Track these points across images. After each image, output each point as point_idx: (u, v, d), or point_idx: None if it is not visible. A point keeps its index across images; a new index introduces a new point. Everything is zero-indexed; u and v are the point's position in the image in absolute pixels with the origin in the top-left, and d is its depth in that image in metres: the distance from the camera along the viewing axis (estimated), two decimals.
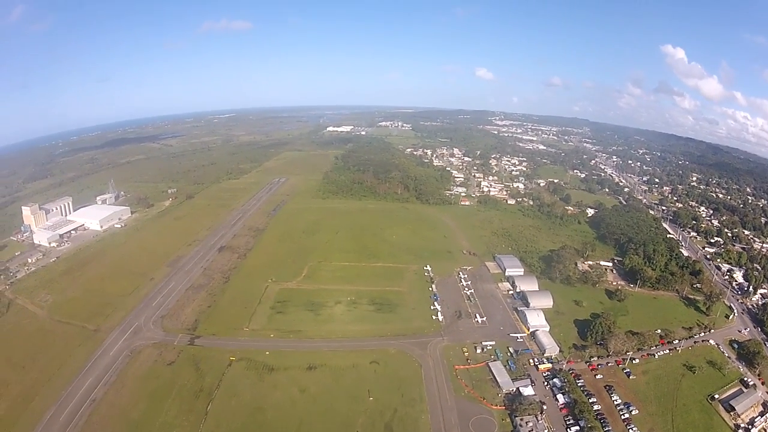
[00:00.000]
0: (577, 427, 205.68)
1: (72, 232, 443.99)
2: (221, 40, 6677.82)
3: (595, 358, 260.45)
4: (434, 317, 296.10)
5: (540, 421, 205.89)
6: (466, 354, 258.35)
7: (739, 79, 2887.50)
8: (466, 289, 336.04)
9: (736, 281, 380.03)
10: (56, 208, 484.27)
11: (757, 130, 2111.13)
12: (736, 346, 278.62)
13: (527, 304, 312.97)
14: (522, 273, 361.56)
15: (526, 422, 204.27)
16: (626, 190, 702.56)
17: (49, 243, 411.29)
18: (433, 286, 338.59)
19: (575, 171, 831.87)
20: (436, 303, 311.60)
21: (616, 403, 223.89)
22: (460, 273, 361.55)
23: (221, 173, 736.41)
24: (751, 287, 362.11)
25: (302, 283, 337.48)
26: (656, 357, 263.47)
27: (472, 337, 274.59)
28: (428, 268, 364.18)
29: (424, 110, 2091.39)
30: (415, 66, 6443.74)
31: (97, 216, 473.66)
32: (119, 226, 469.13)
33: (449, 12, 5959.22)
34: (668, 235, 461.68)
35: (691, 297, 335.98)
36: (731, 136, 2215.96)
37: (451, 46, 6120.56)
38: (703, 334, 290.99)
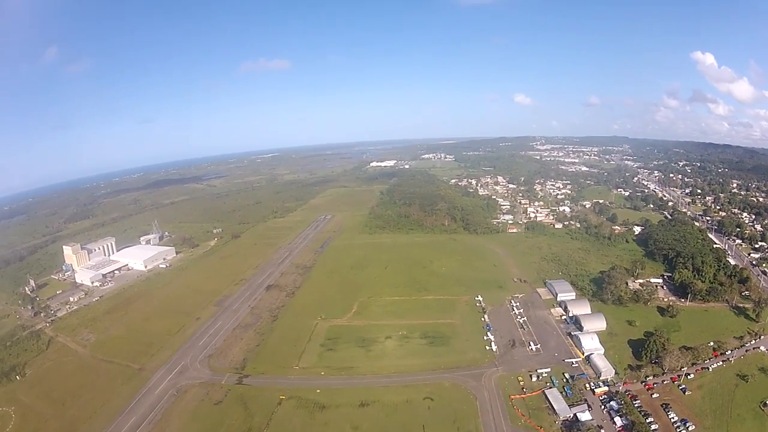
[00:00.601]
0: None
1: (116, 272, 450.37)
2: (260, 80, 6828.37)
3: (651, 377, 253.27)
4: (488, 347, 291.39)
5: None
6: (522, 383, 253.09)
7: None
8: (519, 317, 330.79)
9: None
10: (99, 248, 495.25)
11: None
12: None
13: (581, 328, 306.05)
14: (574, 297, 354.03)
15: None
16: (670, 204, 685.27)
17: (92, 282, 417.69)
18: (486, 316, 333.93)
19: (619, 190, 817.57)
20: (489, 333, 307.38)
21: (672, 420, 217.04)
22: (512, 301, 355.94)
23: (266, 212, 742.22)
24: None
25: (352, 320, 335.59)
26: (710, 370, 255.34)
27: (527, 366, 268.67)
28: (479, 298, 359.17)
29: (465, 140, 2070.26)
30: (454, 97, 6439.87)
31: (142, 256, 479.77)
32: (164, 266, 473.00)
33: (486, 41, 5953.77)
34: (714, 245, 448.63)
35: (741, 305, 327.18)
36: (766, 137, 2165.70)
37: (489, 75, 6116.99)
38: (753, 341, 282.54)
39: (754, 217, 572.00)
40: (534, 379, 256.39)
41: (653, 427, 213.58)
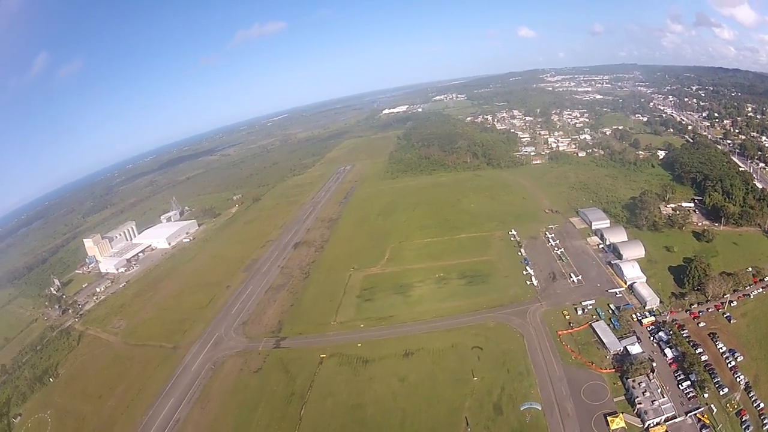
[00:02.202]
0: (689, 382, 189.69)
1: (139, 254, 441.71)
2: (259, 45, 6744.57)
3: (695, 305, 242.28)
4: (528, 282, 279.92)
5: (653, 381, 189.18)
6: (567, 317, 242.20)
7: None
8: (556, 248, 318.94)
9: None
10: (120, 235, 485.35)
11: None
12: None
13: (620, 256, 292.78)
14: (608, 225, 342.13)
15: (639, 383, 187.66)
16: (689, 127, 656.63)
17: (117, 269, 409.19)
18: (522, 250, 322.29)
19: (636, 115, 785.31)
20: (528, 267, 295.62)
21: (721, 351, 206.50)
22: (547, 233, 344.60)
23: (285, 171, 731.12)
24: None
25: (386, 267, 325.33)
26: (752, 297, 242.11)
27: (571, 299, 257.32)
28: (513, 232, 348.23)
29: (475, 79, 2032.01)
30: (458, 35, 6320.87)
31: (164, 234, 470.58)
32: (188, 240, 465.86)
33: None
34: (740, 169, 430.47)
35: None
36: None
37: (491, 9, 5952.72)
38: None
39: None
40: (579, 312, 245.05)
41: (703, 358, 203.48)
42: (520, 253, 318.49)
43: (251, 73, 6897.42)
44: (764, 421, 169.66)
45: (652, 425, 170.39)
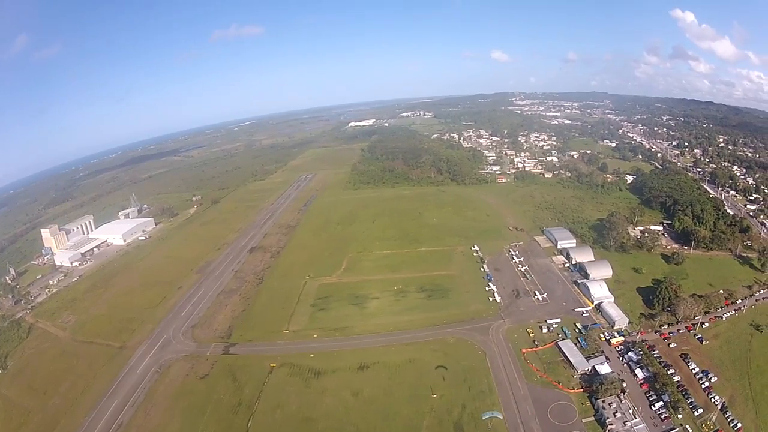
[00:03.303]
0: (661, 402, 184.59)
1: (94, 249, 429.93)
2: (234, 48, 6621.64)
3: (666, 326, 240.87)
4: (491, 299, 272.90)
5: (624, 401, 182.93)
6: (532, 335, 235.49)
7: (751, 39, 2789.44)
8: (520, 266, 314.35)
9: None
10: (77, 228, 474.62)
11: None
12: None
13: (586, 276, 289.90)
14: (575, 244, 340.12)
15: (609, 404, 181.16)
16: (659, 155, 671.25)
17: (71, 263, 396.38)
18: (485, 266, 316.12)
19: (605, 141, 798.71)
20: (490, 283, 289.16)
21: (694, 371, 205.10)
22: (511, 250, 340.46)
23: (246, 176, 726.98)
24: None
25: (343, 276, 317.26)
26: (724, 319, 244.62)
27: (535, 317, 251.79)
28: (476, 248, 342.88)
29: (444, 98, 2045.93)
30: (431, 54, 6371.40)
31: (120, 230, 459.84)
32: (143, 238, 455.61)
33: None
34: (711, 195, 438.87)
35: (744, 255, 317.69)
36: (748, 97, 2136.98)
37: (465, 31, 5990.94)
38: (762, 291, 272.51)
39: (745, 170, 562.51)
40: (545, 330, 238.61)
41: (675, 378, 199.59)
42: (482, 269, 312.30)
43: (224, 76, 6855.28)
44: None
45: None
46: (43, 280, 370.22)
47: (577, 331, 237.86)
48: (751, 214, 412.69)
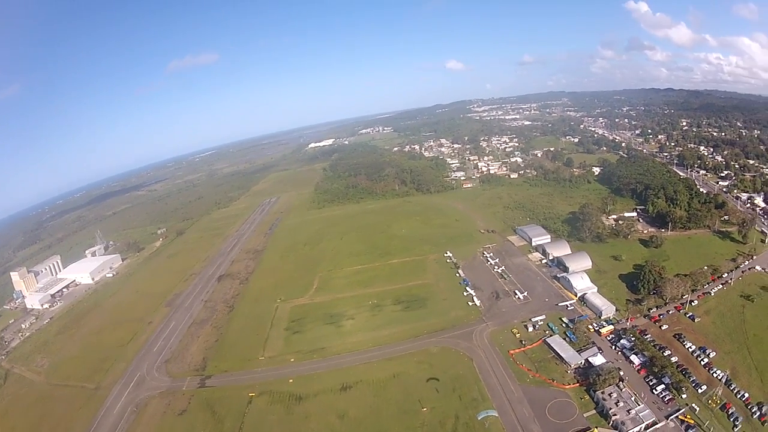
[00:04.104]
0: (662, 386, 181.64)
1: (63, 290, 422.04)
2: (191, 76, 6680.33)
3: (654, 309, 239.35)
4: (470, 303, 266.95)
5: (624, 389, 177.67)
6: (518, 335, 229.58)
7: (708, 21, 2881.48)
8: (496, 267, 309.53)
9: (759, 207, 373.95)
10: (45, 269, 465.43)
11: (732, 68, 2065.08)
12: None
13: (566, 269, 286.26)
14: (549, 239, 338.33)
15: (609, 394, 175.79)
16: (623, 144, 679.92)
17: (42, 305, 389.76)
18: (460, 271, 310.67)
19: (567, 137, 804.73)
20: (468, 288, 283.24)
21: (691, 350, 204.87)
22: (484, 252, 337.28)
23: (210, 205, 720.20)
24: None
25: (315, 296, 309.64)
26: (712, 294, 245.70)
27: (518, 316, 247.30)
28: (449, 254, 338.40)
29: (402, 112, 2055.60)
30: (387, 70, 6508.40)
31: (87, 269, 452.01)
32: (111, 275, 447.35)
33: (415, 7, 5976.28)
34: (681, 177, 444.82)
35: (723, 230, 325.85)
36: (707, 79, 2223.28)
37: (419, 44, 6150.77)
38: (747, 262, 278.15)
39: (712, 149, 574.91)
40: (530, 329, 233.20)
41: (673, 359, 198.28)
42: (458, 275, 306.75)
43: (183, 107, 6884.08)
44: (752, 410, 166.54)
45: None
46: (15, 324, 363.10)
47: (564, 325, 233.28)
48: (724, 190, 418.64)
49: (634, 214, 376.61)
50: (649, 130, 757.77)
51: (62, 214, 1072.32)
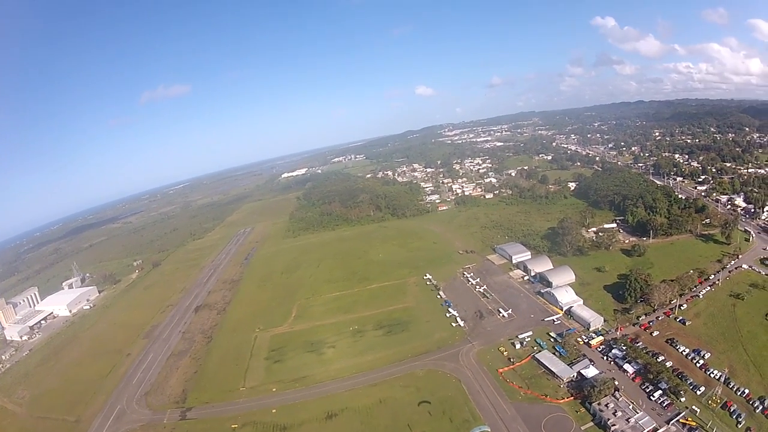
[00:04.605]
0: (660, 391, 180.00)
1: (42, 322, 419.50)
2: (163, 108, 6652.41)
3: (643, 317, 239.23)
4: (454, 324, 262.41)
5: (620, 399, 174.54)
6: (506, 353, 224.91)
7: (677, 30, 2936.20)
8: (477, 287, 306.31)
9: (739, 207, 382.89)
10: (23, 300, 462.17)
11: (703, 75, 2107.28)
12: None
13: (549, 284, 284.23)
14: (530, 256, 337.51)
15: (606, 405, 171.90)
16: (597, 158, 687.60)
17: (21, 337, 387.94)
18: (441, 293, 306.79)
19: (540, 155, 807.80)
20: (450, 309, 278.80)
21: (684, 353, 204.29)
22: (465, 273, 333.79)
23: (185, 236, 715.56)
24: (755, 208, 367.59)
25: (294, 325, 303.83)
26: (701, 297, 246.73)
27: (504, 334, 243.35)
28: (429, 276, 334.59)
29: (373, 139, 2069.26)
30: (357, 98, 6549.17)
31: (64, 301, 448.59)
32: (87, 307, 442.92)
33: (382, 35, 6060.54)
34: (658, 185, 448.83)
35: (706, 233, 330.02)
36: (678, 89, 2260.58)
37: (387, 71, 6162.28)
38: (733, 261, 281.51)
39: (687, 156, 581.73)
40: (518, 346, 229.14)
41: (668, 364, 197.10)
42: (439, 296, 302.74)
43: (157, 138, 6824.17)
44: (755, 405, 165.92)
45: None
46: None
47: (552, 340, 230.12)
48: (703, 194, 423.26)
49: (614, 225, 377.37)
50: (622, 143, 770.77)
51: (39, 247, 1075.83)
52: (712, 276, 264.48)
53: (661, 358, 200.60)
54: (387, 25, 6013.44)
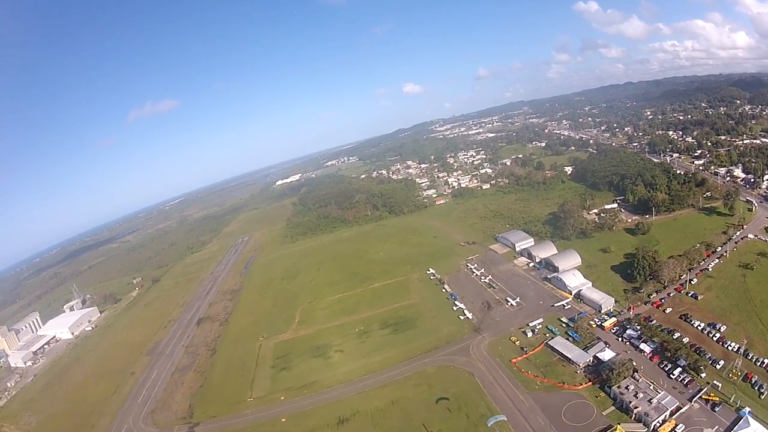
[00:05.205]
0: (679, 369, 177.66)
1: (45, 346, 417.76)
2: (153, 123, 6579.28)
3: (654, 294, 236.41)
4: (461, 317, 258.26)
5: (640, 380, 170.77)
6: (517, 343, 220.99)
7: (660, 10, 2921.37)
8: (482, 277, 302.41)
9: (739, 178, 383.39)
10: (25, 326, 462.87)
11: (689, 53, 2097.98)
12: None
13: (555, 269, 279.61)
14: (533, 242, 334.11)
15: (626, 387, 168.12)
16: (591, 142, 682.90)
17: (25, 363, 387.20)
18: (446, 286, 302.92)
19: (534, 143, 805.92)
20: (457, 302, 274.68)
21: (700, 328, 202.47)
22: (468, 264, 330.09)
23: (183, 250, 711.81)
24: (755, 178, 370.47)
25: (298, 330, 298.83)
26: (710, 270, 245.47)
27: (515, 323, 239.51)
28: (432, 271, 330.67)
29: (365, 141, 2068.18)
30: (346, 99, 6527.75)
31: (66, 324, 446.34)
32: (89, 328, 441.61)
33: (366, 35, 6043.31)
34: (656, 162, 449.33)
35: (708, 206, 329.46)
36: (665, 68, 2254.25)
37: (374, 70, 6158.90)
38: (739, 232, 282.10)
39: (681, 132, 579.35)
40: (529, 335, 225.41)
41: (684, 340, 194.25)
42: (444, 290, 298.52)
43: (149, 156, 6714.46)
44: None
45: (658, 425, 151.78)
46: (1, 383, 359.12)
47: (564, 325, 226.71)
48: (701, 168, 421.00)
49: (615, 205, 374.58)
50: (615, 125, 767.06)
51: (39, 272, 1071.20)
52: (719, 248, 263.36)
53: (677, 334, 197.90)
54: (368, 25, 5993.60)
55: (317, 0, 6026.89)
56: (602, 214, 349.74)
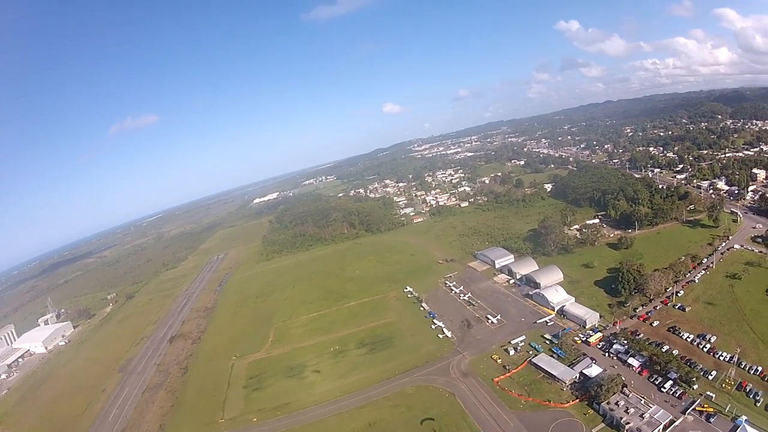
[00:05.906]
0: (670, 382, 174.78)
1: (19, 360, 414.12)
2: (134, 138, 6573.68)
3: (640, 308, 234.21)
4: (441, 336, 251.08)
5: (630, 395, 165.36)
6: (500, 361, 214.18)
7: (642, 28, 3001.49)
8: (462, 295, 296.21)
9: (722, 190, 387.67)
10: (0, 339, 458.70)
11: (670, 71, 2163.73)
12: (759, 239, 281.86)
13: (537, 285, 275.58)
14: (513, 259, 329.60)
15: (615, 403, 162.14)
16: (570, 159, 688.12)
17: (0, 376, 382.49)
18: (424, 304, 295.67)
19: (513, 161, 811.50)
20: (435, 320, 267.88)
21: (689, 339, 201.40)
22: (447, 282, 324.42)
23: (158, 266, 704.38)
24: (739, 189, 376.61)
25: (272, 350, 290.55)
26: (696, 281, 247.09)
27: (496, 341, 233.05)
28: (409, 289, 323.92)
29: (343, 160, 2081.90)
30: (325, 118, 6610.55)
31: (40, 338, 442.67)
32: (63, 343, 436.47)
33: (347, 55, 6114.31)
34: (637, 177, 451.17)
35: (692, 219, 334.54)
36: (645, 86, 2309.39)
37: (354, 90, 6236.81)
38: (724, 243, 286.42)
39: (662, 148, 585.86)
40: (512, 352, 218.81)
41: (674, 352, 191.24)
42: (422, 308, 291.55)
43: (128, 171, 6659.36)
44: None
45: None
46: None
47: (547, 342, 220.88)
48: (683, 182, 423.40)
49: (596, 221, 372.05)
50: (594, 142, 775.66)
51: (16, 285, 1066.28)
52: (705, 260, 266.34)
53: (666, 347, 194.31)
54: (350, 45, 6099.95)
55: (299, 20, 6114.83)
56: (584, 230, 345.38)
